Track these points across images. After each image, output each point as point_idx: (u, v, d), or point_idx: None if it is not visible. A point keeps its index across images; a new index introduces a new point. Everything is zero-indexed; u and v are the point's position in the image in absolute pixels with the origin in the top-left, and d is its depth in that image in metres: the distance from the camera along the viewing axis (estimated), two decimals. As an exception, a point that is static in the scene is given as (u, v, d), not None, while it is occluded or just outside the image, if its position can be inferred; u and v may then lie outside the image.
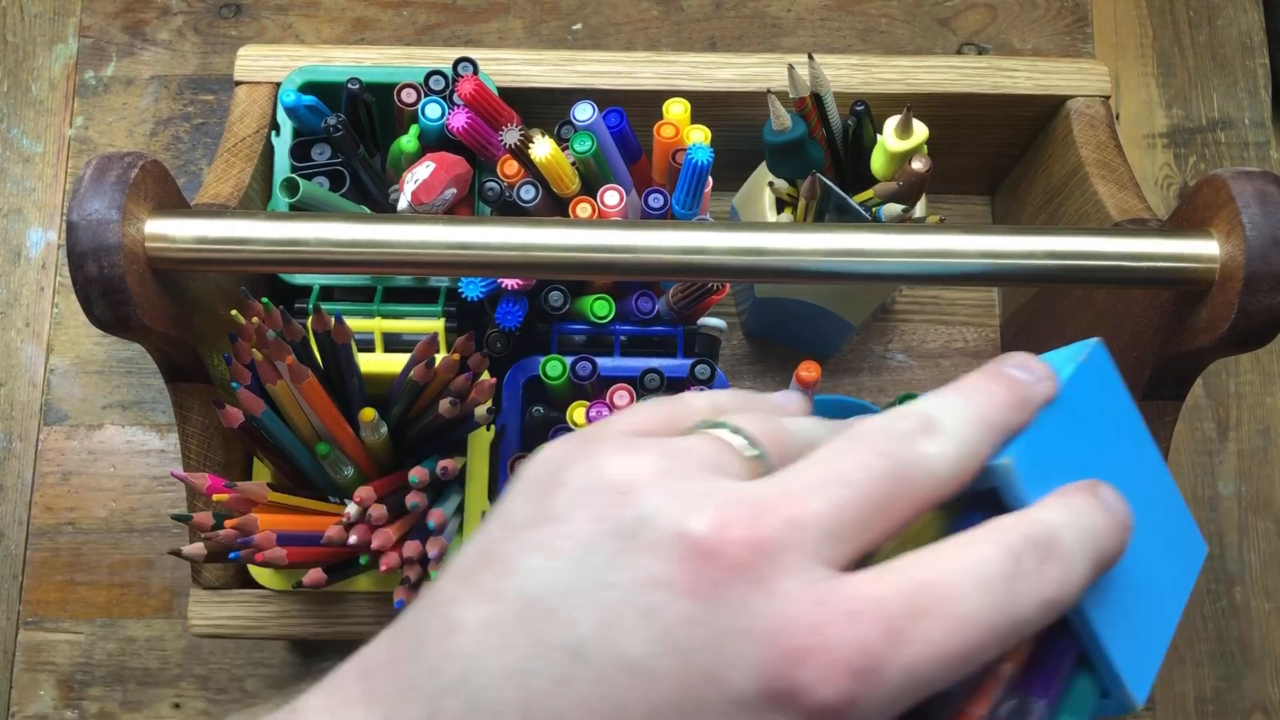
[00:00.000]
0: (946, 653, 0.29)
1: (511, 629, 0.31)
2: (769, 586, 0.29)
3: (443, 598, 0.33)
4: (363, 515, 0.55)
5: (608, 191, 0.62)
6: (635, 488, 0.31)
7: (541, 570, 0.31)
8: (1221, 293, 0.50)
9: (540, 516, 0.32)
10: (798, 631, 0.29)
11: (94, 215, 0.49)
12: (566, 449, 0.34)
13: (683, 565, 0.30)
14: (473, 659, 0.31)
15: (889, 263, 0.50)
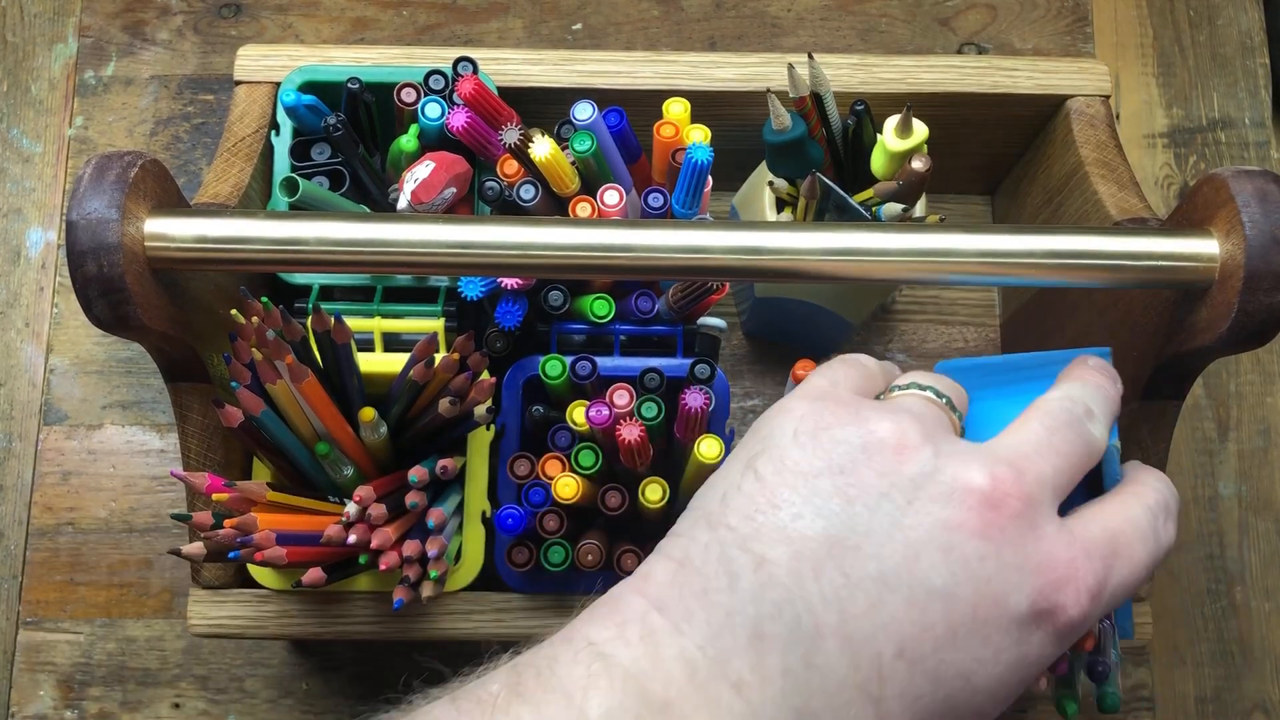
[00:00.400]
0: (1131, 581, 0.40)
1: (823, 562, 0.37)
2: (1036, 531, 0.38)
3: (734, 538, 0.38)
4: (362, 514, 0.55)
5: (607, 191, 0.62)
6: (908, 447, 0.39)
7: (840, 514, 0.38)
8: (1221, 292, 0.50)
9: (827, 467, 0.39)
10: (1058, 565, 0.38)
11: (93, 214, 0.49)
12: (829, 413, 0.41)
13: (971, 512, 0.37)
14: (790, 588, 0.37)
15: (889, 262, 0.50)
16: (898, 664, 0.36)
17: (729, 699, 0.36)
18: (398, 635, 0.63)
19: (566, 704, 0.36)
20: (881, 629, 0.36)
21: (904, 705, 0.37)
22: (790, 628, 0.36)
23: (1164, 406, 0.59)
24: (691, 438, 0.58)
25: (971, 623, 0.37)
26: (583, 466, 0.60)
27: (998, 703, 0.38)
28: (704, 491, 0.42)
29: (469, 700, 0.37)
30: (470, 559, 0.63)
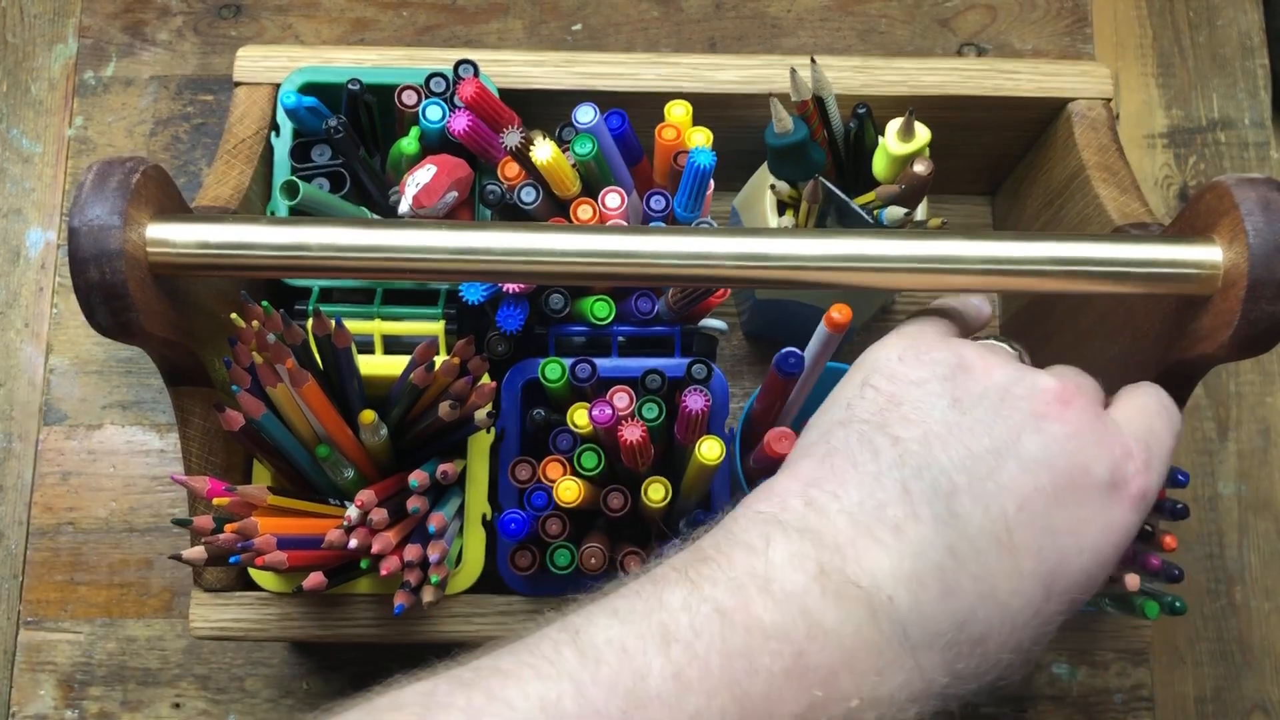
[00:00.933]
0: (1166, 451, 0.47)
1: (947, 439, 0.44)
2: (1099, 420, 0.46)
3: (870, 426, 0.46)
4: (363, 518, 0.55)
5: (609, 194, 0.62)
6: (993, 365, 0.47)
7: (951, 408, 0.45)
8: (1224, 299, 0.50)
9: (932, 376, 0.46)
10: (1121, 445, 0.45)
11: (95, 221, 0.49)
12: (924, 341, 0.48)
13: (1050, 405, 0.45)
14: (924, 456, 0.44)
15: (893, 269, 0.50)
16: (1020, 516, 0.43)
17: (890, 538, 0.42)
18: (399, 638, 0.63)
19: (750, 553, 0.42)
20: (1003, 488, 0.43)
21: (1030, 553, 0.43)
22: (931, 485, 0.43)
23: (1165, 410, 0.59)
24: (692, 439, 0.58)
25: (1070, 486, 0.44)
26: (586, 468, 0.60)
27: (1101, 564, 0.44)
28: (825, 410, 0.49)
29: (657, 576, 0.42)
30: (471, 562, 0.63)
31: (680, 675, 0.39)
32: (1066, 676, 0.80)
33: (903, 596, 0.41)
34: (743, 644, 0.39)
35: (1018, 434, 0.44)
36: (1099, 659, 0.80)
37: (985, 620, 0.42)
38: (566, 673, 0.38)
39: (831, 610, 0.40)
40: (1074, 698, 0.80)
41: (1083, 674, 0.80)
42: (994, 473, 0.43)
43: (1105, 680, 0.80)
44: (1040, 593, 0.43)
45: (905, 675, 0.41)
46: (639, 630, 0.40)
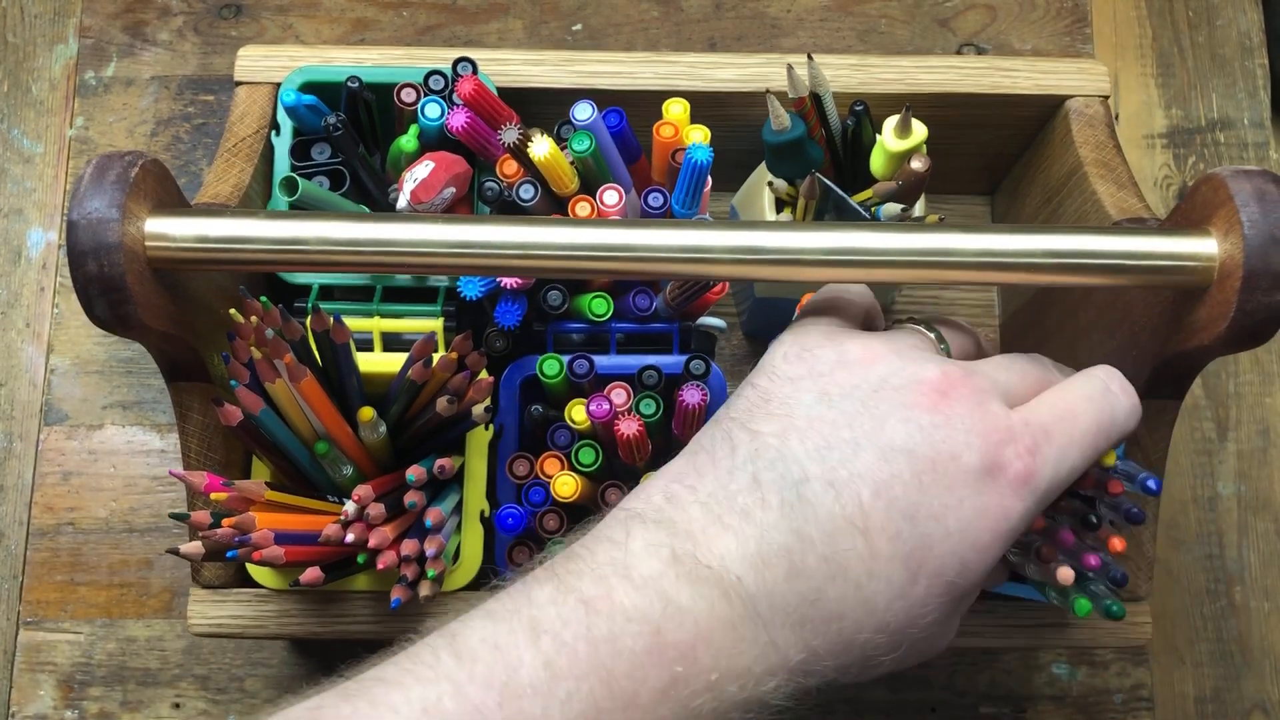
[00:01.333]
0: (1077, 437, 0.48)
1: (806, 432, 0.46)
2: (983, 409, 0.46)
3: (735, 424, 0.48)
4: (360, 513, 0.55)
5: (607, 191, 0.62)
6: (876, 357, 0.48)
7: (817, 402, 0.47)
8: (1220, 291, 0.50)
9: (807, 373, 0.48)
10: (1000, 430, 0.46)
11: (94, 214, 0.49)
12: (812, 338, 0.50)
13: (924, 396, 0.46)
14: (780, 448, 0.46)
15: (889, 262, 0.50)
16: (876, 502, 0.44)
17: (737, 523, 0.44)
18: (397, 634, 0.62)
19: (612, 546, 0.44)
20: (858, 475, 0.45)
21: (887, 538, 0.44)
22: (782, 475, 0.45)
23: (1163, 406, 0.59)
24: (689, 434, 0.58)
25: (932, 473, 0.45)
26: (583, 464, 0.60)
27: (976, 548, 0.45)
28: (716, 412, 0.51)
29: (528, 578, 0.45)
30: (469, 558, 0.63)
31: (550, 664, 0.41)
32: (1066, 676, 0.80)
33: (749, 576, 0.44)
34: (606, 629, 0.42)
35: (881, 424, 0.46)
36: (1099, 659, 0.80)
37: (838, 599, 0.44)
38: (445, 674, 0.41)
39: (686, 591, 0.43)
40: (1074, 698, 0.80)
41: (1083, 674, 0.80)
42: (850, 459, 0.45)
43: (1105, 680, 0.80)
44: (903, 574, 0.45)
45: (760, 649, 0.44)
46: (510, 626, 0.42)
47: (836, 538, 0.44)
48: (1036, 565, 0.53)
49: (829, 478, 0.45)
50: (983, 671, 0.80)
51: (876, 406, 0.46)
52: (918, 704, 0.79)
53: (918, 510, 0.45)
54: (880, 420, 0.46)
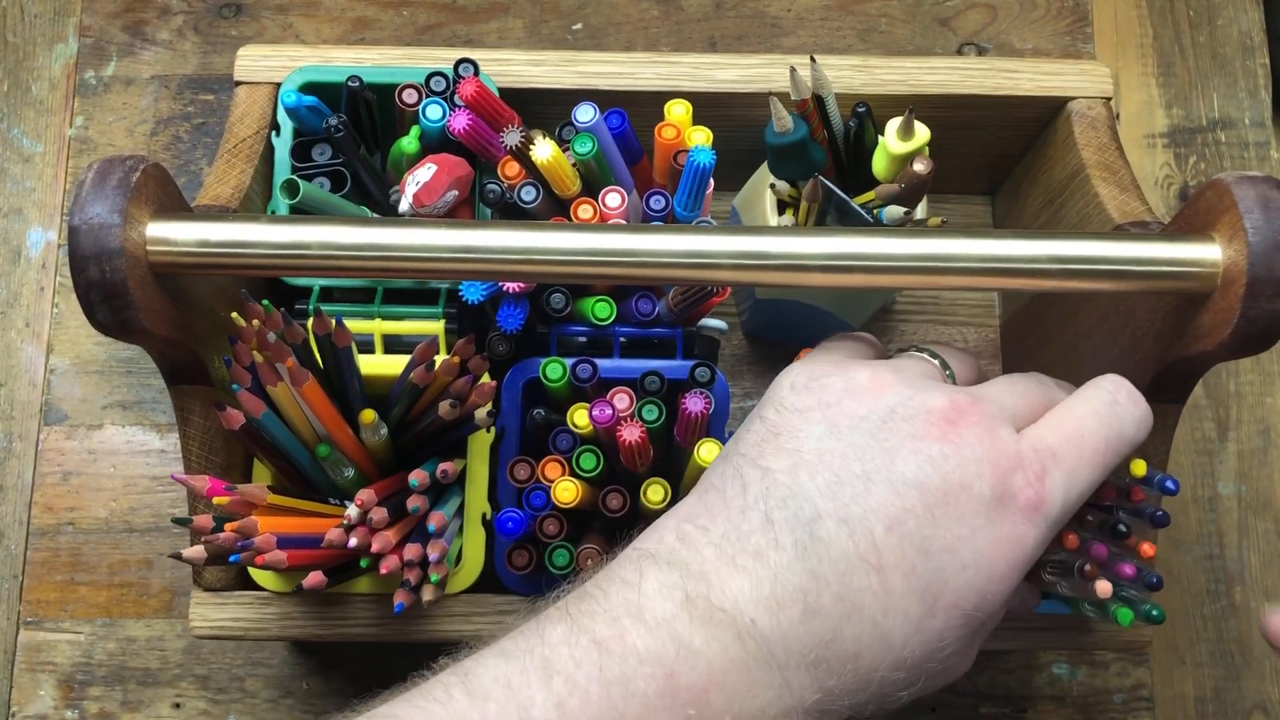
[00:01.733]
0: (1088, 456, 0.48)
1: (816, 467, 0.46)
2: (992, 435, 0.46)
3: (745, 460, 0.47)
4: (363, 518, 0.55)
5: (609, 193, 0.62)
6: (885, 387, 0.48)
7: (827, 435, 0.47)
8: (1224, 297, 0.50)
9: (816, 404, 0.48)
10: (1009, 458, 0.46)
11: (95, 219, 0.49)
12: (819, 368, 0.50)
13: (933, 426, 0.46)
14: (791, 486, 0.45)
15: (893, 268, 0.50)
16: (889, 538, 0.44)
17: (751, 564, 0.44)
18: (398, 637, 0.63)
19: (625, 587, 0.44)
20: (870, 511, 0.44)
21: (902, 574, 0.44)
22: (794, 513, 0.45)
23: (1165, 409, 0.59)
24: (692, 441, 0.58)
25: (945, 505, 0.45)
26: (584, 469, 0.60)
27: (993, 579, 0.45)
28: (725, 446, 0.51)
29: (542, 616, 0.44)
30: (471, 561, 0.63)
31: (562, 705, 0.41)
32: (1066, 676, 0.80)
33: (764, 618, 0.43)
34: (619, 671, 0.42)
35: (892, 457, 0.46)
36: (1099, 659, 0.80)
37: (854, 638, 0.44)
38: (457, 713, 0.41)
39: (699, 633, 0.43)
40: (1074, 698, 0.80)
41: (1083, 674, 0.80)
42: (862, 495, 0.45)
43: (1105, 680, 0.80)
44: (919, 609, 0.44)
45: (775, 691, 0.43)
46: (523, 666, 0.42)
47: (851, 576, 0.44)
48: (1073, 582, 0.52)
49: (841, 515, 0.45)
50: (983, 671, 0.80)
51: (886, 439, 0.46)
52: (917, 704, 0.79)
53: (931, 544, 0.45)
54: (891, 453, 0.46)
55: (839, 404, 0.48)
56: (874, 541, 0.44)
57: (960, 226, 0.84)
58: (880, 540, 0.44)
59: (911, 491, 0.45)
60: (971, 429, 0.46)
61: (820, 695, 0.44)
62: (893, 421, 0.47)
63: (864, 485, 0.45)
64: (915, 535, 0.44)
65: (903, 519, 0.44)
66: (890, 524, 0.44)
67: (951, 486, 0.45)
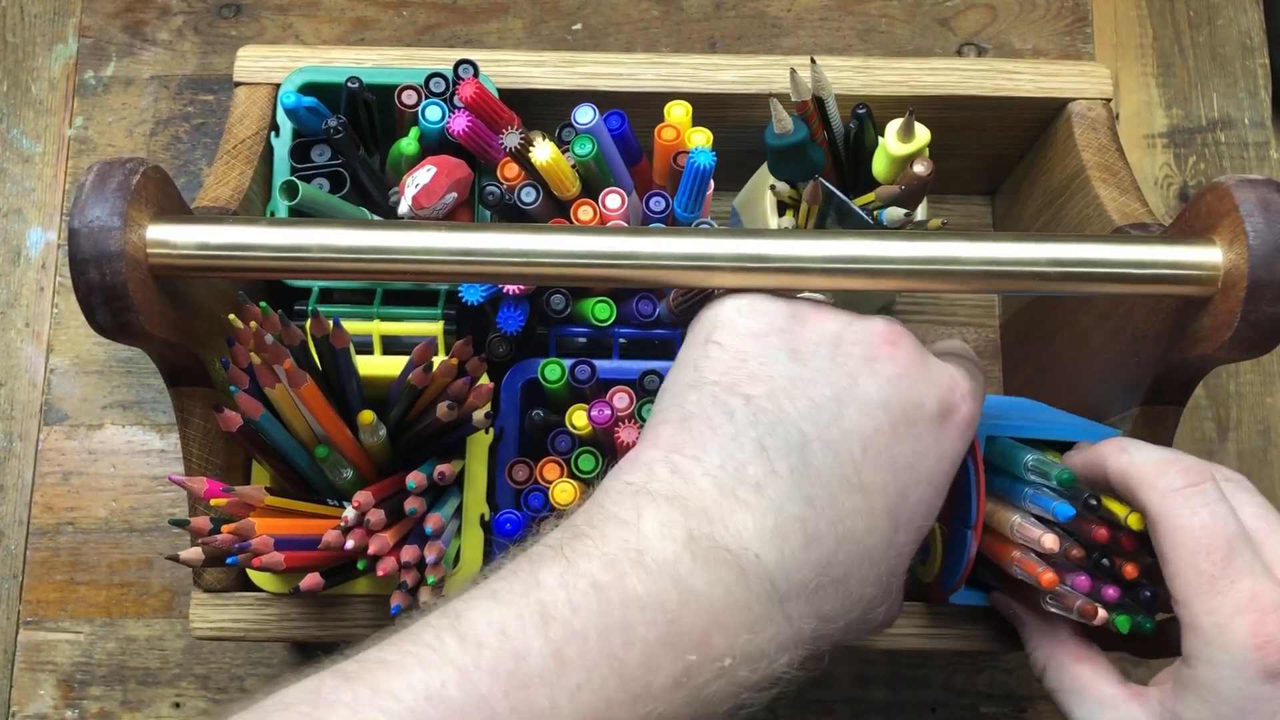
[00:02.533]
0: (981, 382, 0.51)
1: (792, 391, 0.46)
2: (925, 358, 0.48)
3: (720, 388, 0.47)
4: (360, 519, 0.55)
5: (609, 195, 0.62)
6: (825, 314, 0.49)
7: (791, 360, 0.47)
8: (1224, 300, 0.50)
9: (770, 328, 0.48)
10: (946, 377, 0.48)
11: (96, 222, 0.49)
12: (756, 295, 0.50)
13: (880, 348, 0.47)
14: (775, 411, 0.46)
15: (894, 270, 0.50)
16: (865, 457, 0.46)
17: (753, 497, 0.44)
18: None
19: (622, 526, 0.43)
20: (847, 433, 0.46)
21: (878, 491, 0.46)
22: (784, 439, 0.45)
23: (1165, 411, 0.59)
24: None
25: (905, 422, 0.47)
26: (583, 470, 0.60)
27: (937, 491, 0.48)
28: (673, 375, 0.50)
29: (534, 555, 0.43)
30: (469, 562, 0.63)
31: (559, 653, 0.40)
32: (1066, 676, 0.80)
33: (768, 552, 0.44)
34: (620, 618, 0.41)
35: (854, 379, 0.47)
36: (1099, 659, 0.80)
37: (845, 561, 0.45)
38: (449, 659, 0.39)
39: (702, 575, 0.42)
40: (1074, 698, 0.80)
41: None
42: (837, 419, 0.46)
43: (1105, 680, 0.80)
44: (890, 525, 0.46)
45: (775, 627, 0.44)
46: (518, 611, 0.41)
47: (841, 499, 0.45)
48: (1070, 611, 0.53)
49: (824, 438, 0.45)
50: (983, 671, 0.80)
51: (844, 362, 0.47)
52: (918, 704, 0.79)
53: (896, 460, 0.46)
54: (852, 376, 0.47)
55: (791, 328, 0.48)
56: (854, 462, 0.45)
57: (960, 228, 0.84)
58: (859, 460, 0.46)
59: (879, 412, 0.46)
60: (909, 349, 0.48)
61: (816, 623, 0.45)
62: (844, 345, 0.48)
63: (837, 408, 0.46)
64: (885, 454, 0.46)
65: (875, 438, 0.46)
66: (865, 444, 0.46)
67: (909, 405, 0.47)
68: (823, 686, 0.79)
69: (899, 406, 0.47)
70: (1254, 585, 0.47)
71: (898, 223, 0.65)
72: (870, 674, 0.79)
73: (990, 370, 0.84)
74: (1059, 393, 0.71)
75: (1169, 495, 0.50)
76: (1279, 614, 0.46)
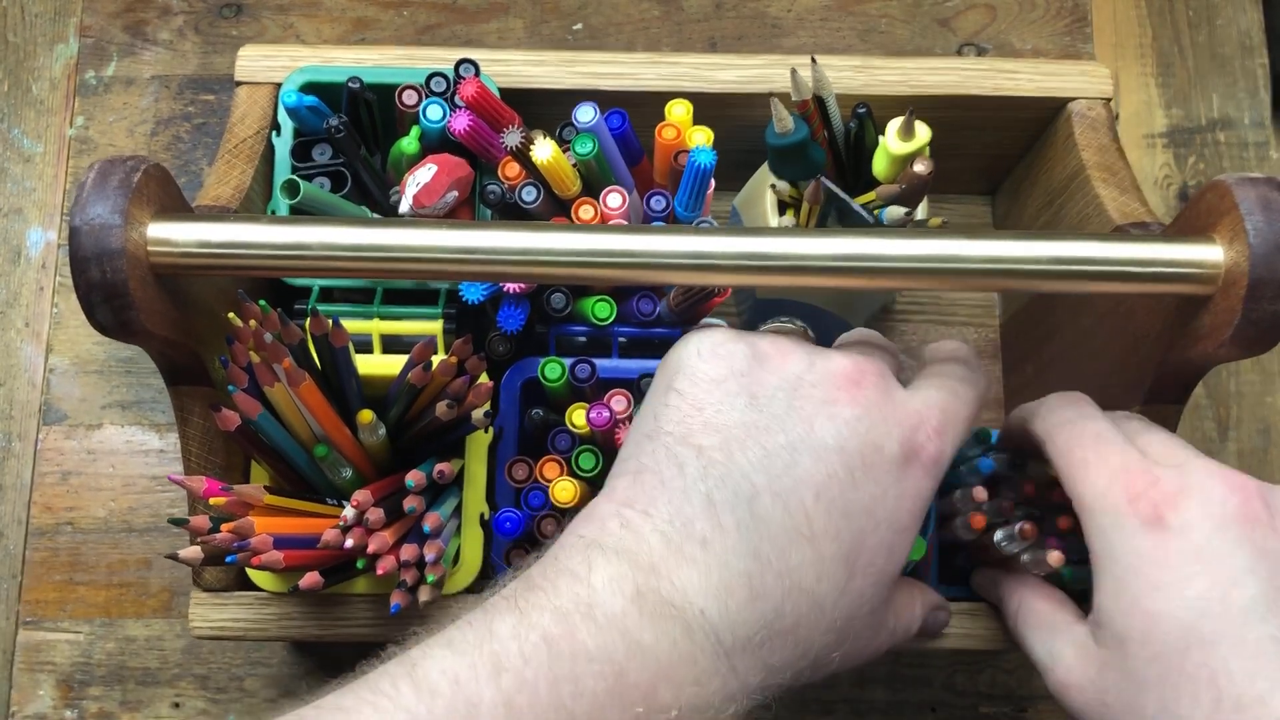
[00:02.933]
0: (967, 413, 0.51)
1: (745, 441, 0.46)
2: (890, 395, 0.48)
3: (674, 439, 0.47)
4: (359, 518, 0.55)
5: (610, 194, 0.62)
6: (787, 353, 0.49)
7: (748, 407, 0.47)
8: (1225, 299, 0.50)
9: (729, 373, 0.48)
10: (911, 415, 0.48)
11: (96, 220, 0.49)
12: (719, 335, 0.50)
13: (841, 389, 0.47)
14: (726, 464, 0.46)
15: (894, 268, 0.50)
16: (818, 506, 0.46)
17: (699, 553, 0.45)
18: (398, 637, 0.63)
19: (573, 579, 0.44)
20: (799, 482, 0.46)
21: (830, 539, 0.46)
22: (733, 492, 0.45)
23: (1165, 410, 0.59)
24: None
25: (863, 466, 0.46)
26: (583, 469, 0.60)
27: (899, 531, 0.48)
28: (637, 422, 0.50)
29: (489, 606, 0.44)
30: (468, 561, 0.63)
31: (510, 703, 0.41)
32: (1066, 677, 0.80)
33: (713, 607, 0.44)
34: (569, 669, 0.42)
35: (810, 424, 0.47)
36: (1099, 659, 0.80)
37: (794, 612, 0.45)
38: (404, 707, 0.40)
39: (649, 629, 0.43)
40: (1074, 698, 0.80)
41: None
42: (790, 468, 0.46)
43: (1105, 680, 0.80)
44: (843, 572, 0.46)
45: (721, 679, 0.44)
46: (471, 660, 0.42)
47: (789, 552, 0.45)
48: (1025, 549, 0.57)
49: (775, 489, 0.46)
50: (983, 671, 0.80)
51: (802, 406, 0.47)
52: (918, 704, 0.79)
53: (851, 506, 0.46)
54: (809, 420, 0.47)
55: (752, 373, 0.48)
56: (806, 512, 0.45)
57: (960, 227, 0.84)
58: (810, 509, 0.46)
59: (833, 457, 0.46)
60: (873, 388, 0.48)
61: (764, 674, 0.45)
62: (803, 388, 0.48)
63: (790, 456, 0.46)
64: (839, 500, 0.46)
65: (828, 485, 0.46)
66: (818, 492, 0.46)
67: (867, 448, 0.47)
68: (823, 686, 0.79)
69: (856, 450, 0.47)
70: (1123, 458, 0.50)
71: (898, 221, 0.65)
72: (870, 674, 0.79)
73: (990, 370, 0.84)
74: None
75: (1049, 416, 0.54)
76: (1147, 473, 0.49)
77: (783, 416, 0.47)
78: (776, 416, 0.47)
